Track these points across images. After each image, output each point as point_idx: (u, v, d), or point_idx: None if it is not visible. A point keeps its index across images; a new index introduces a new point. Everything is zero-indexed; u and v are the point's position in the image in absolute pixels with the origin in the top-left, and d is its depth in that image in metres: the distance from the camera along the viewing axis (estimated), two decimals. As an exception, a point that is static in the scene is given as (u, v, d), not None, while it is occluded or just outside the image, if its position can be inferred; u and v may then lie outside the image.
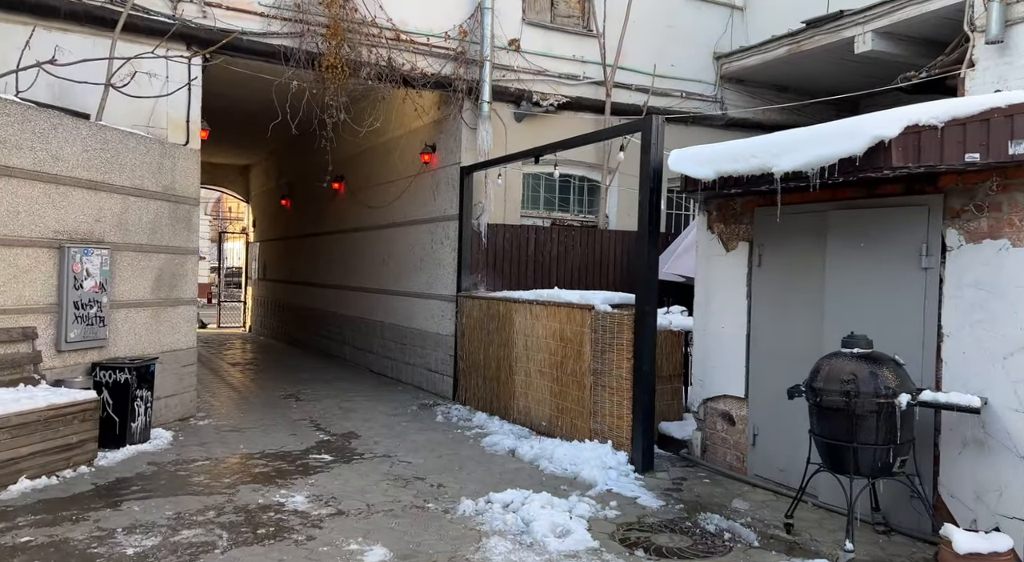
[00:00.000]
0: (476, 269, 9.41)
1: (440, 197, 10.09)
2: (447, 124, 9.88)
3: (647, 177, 5.98)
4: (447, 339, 9.76)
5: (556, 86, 9.91)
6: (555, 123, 10.02)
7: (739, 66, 10.90)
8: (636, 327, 6.06)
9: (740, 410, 5.83)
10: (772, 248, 5.54)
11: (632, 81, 10.41)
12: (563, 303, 7.13)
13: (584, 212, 10.61)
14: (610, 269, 10.22)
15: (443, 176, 10.01)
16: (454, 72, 9.30)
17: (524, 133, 9.80)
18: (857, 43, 9.04)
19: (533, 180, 10.23)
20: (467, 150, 9.53)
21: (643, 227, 6.01)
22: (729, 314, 5.93)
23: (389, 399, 9.61)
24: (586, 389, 6.76)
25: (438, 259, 10.10)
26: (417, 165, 10.78)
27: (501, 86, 9.52)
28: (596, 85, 10.17)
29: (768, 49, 10.32)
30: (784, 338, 5.40)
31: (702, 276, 6.25)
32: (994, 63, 7.35)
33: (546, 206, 10.37)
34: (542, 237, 9.76)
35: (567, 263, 9.92)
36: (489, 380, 8.52)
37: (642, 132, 6.08)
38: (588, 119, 10.25)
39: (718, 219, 6.12)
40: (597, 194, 10.66)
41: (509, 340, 8.09)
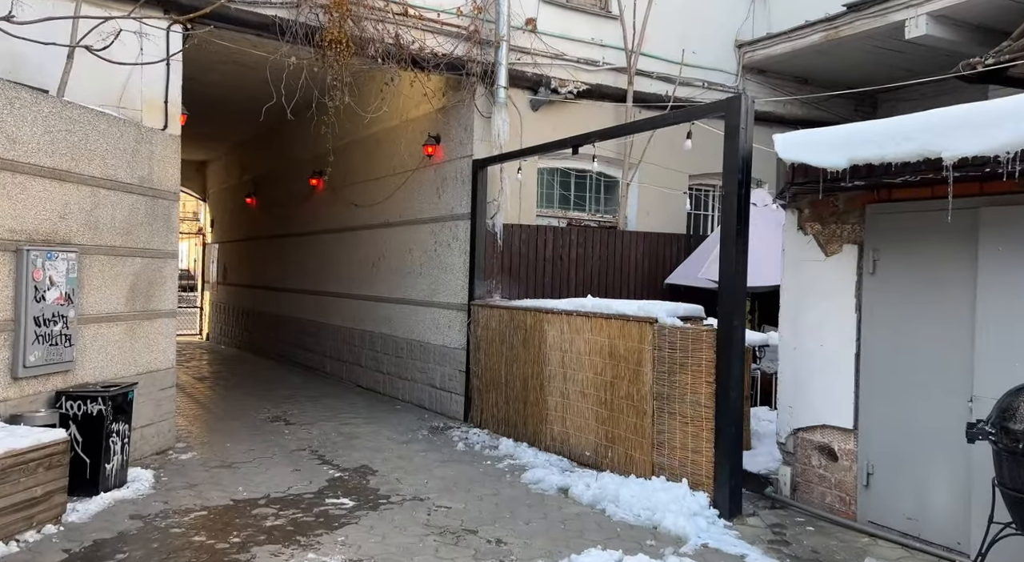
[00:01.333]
0: (491, 274, 8.41)
1: (446, 194, 9.06)
2: (455, 112, 8.85)
3: (734, 168, 5.08)
4: (456, 353, 8.73)
5: (574, 72, 8.98)
6: (573, 112, 9.09)
7: (764, 55, 10.13)
8: (720, 345, 5.15)
9: (845, 443, 4.98)
10: (891, 252, 4.70)
11: (653, 68, 9.54)
12: (614, 314, 6.19)
13: (601, 211, 9.70)
14: (631, 274, 9.34)
15: (450, 170, 8.97)
16: (467, 53, 8.28)
17: (540, 123, 8.84)
18: (909, 27, 8.33)
19: (547, 176, 9.28)
20: (480, 141, 8.53)
21: (730, 227, 5.11)
22: (830, 329, 5.08)
23: (392, 421, 8.54)
24: (646, 416, 5.83)
25: (444, 263, 9.06)
26: (416, 158, 9.71)
27: (517, 70, 8.55)
28: (616, 72, 9.28)
29: (799, 35, 9.57)
30: (911, 360, 4.55)
31: (791, 285, 5.38)
32: (1075, 48, 6.67)
33: (561, 204, 9.43)
34: (560, 239, 8.82)
35: (586, 267, 8.99)
36: (513, 401, 7.53)
37: (726, 115, 5.18)
38: (608, 108, 9.35)
39: (812, 218, 5.26)
40: (614, 192, 9.76)
41: (540, 356, 7.12)
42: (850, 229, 4.99)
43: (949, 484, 4.32)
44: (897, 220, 4.64)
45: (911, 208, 4.56)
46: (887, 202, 4.72)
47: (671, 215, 9.95)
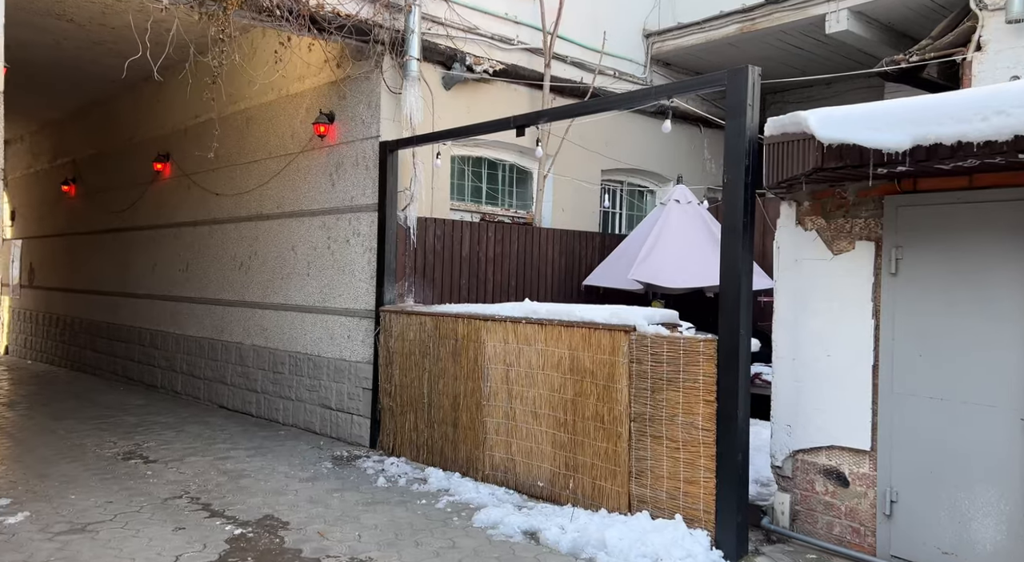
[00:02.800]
0: (403, 275, 7.26)
1: (344, 181, 7.78)
2: (357, 87, 7.60)
3: (740, 152, 4.38)
4: (358, 368, 7.49)
5: (488, 49, 8.03)
6: (487, 94, 8.15)
7: (674, 46, 9.73)
8: (724, 358, 4.43)
9: (859, 466, 4.43)
10: (919, 250, 4.19)
11: (567, 52, 8.80)
12: (578, 322, 5.32)
13: (515, 206, 8.82)
14: (549, 274, 8.54)
15: (349, 154, 7.71)
16: (373, 16, 7.07)
17: (453, 104, 7.82)
18: (829, 22, 8.17)
19: (459, 165, 8.26)
20: (388, 121, 7.35)
21: (734, 221, 4.41)
22: (839, 337, 4.51)
23: (283, 452, 7.15)
24: (621, 440, 5.02)
25: (341, 263, 7.78)
26: (302, 140, 8.33)
27: (429, 42, 7.46)
28: (531, 53, 8.43)
29: (713, 27, 9.23)
30: (945, 372, 4.06)
31: (788, 287, 4.78)
32: (1008, 46, 6.70)
33: (473, 197, 8.44)
34: (476, 235, 7.84)
35: (504, 267, 8.08)
36: (440, 423, 6.46)
37: (728, 89, 4.47)
38: (523, 92, 8.50)
39: (813, 212, 4.68)
40: (526, 185, 8.93)
41: (477, 370, 6.11)
42: (863, 224, 4.45)
43: (998, 513, 3.86)
44: (926, 214, 4.14)
45: (945, 200, 4.07)
46: (911, 193, 4.21)
47: (585, 212, 9.27)
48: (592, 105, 6.04)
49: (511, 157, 8.64)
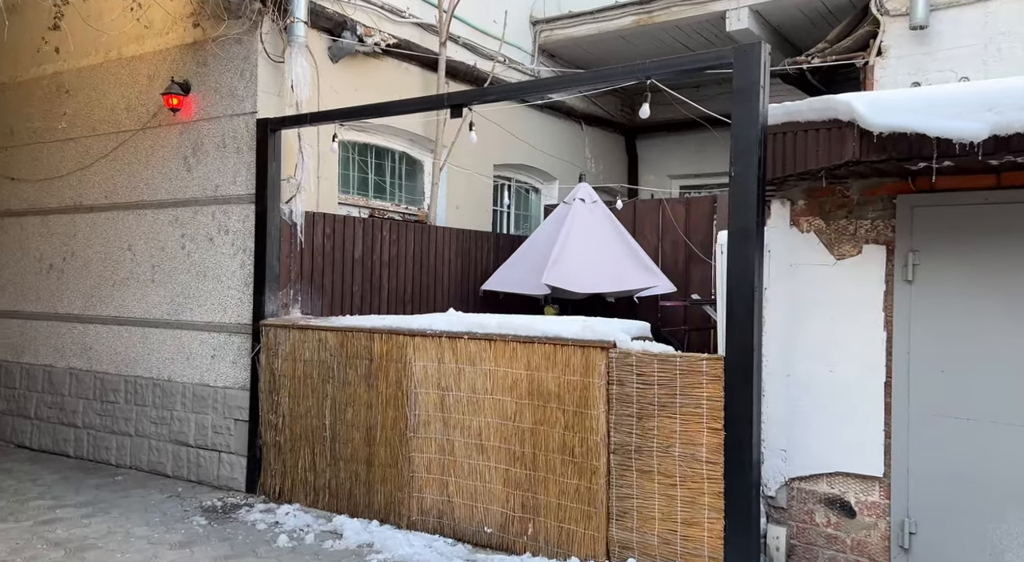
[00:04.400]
0: (288, 282, 6.02)
1: (205, 166, 6.35)
2: (224, 51, 6.21)
3: (751, 142, 3.82)
4: (229, 395, 6.12)
5: (378, 19, 6.96)
6: (378, 72, 7.09)
7: (564, 35, 9.18)
8: (733, 378, 3.85)
9: (868, 494, 4.05)
10: (939, 255, 3.87)
11: (458, 32, 7.92)
12: (539, 337, 4.52)
13: (404, 201, 7.79)
14: (445, 278, 7.63)
15: (212, 133, 6.30)
16: (249, -34, 5.78)
17: (340, 80, 6.68)
18: (730, 19, 8.02)
19: (344, 152, 7.10)
20: (267, 94, 6.06)
21: (745, 219, 3.84)
22: (844, 351, 4.11)
23: (130, 505, 5.63)
24: (598, 475, 4.29)
25: (201, 266, 6.34)
26: (142, 114, 6.76)
27: (315, 4, 6.27)
28: (423, 29, 7.47)
29: (607, 17, 8.80)
30: (973, 389, 3.75)
31: (781, 295, 4.31)
32: (910, 52, 6.83)
33: (360, 190, 7.31)
34: (369, 235, 6.75)
35: (399, 272, 7.06)
36: (348, 460, 5.35)
37: (735, 68, 3.89)
38: (415, 73, 7.51)
39: (810, 211, 4.25)
40: (418, 178, 7.94)
41: (398, 396, 5.09)
42: (869, 226, 4.07)
43: (1033, 537, 3.59)
44: (947, 215, 3.82)
45: (970, 200, 3.76)
46: (928, 192, 3.87)
47: (480, 209, 8.45)
48: (551, 82, 5.23)
49: (401, 145, 7.61)
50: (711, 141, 10.89)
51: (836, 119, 3.54)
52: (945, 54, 6.67)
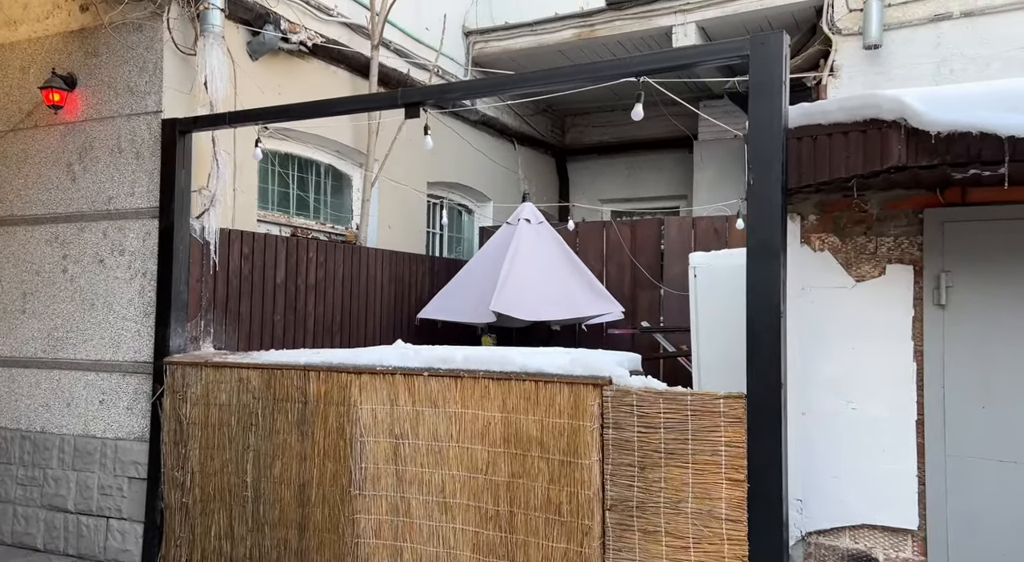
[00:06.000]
0: (199, 311, 5.07)
1: (94, 174, 5.33)
2: (118, 41, 5.25)
3: (773, 145, 3.32)
4: (123, 448, 5.07)
5: (302, 16, 6.18)
6: (304, 73, 6.29)
7: (499, 48, 8.64)
8: (757, 420, 3.29)
9: (900, 550, 3.57)
10: (974, 276, 3.47)
11: (389, 36, 7.22)
12: (518, 373, 3.83)
13: (331, 219, 6.94)
14: (377, 304, 6.82)
15: (104, 135, 5.30)
16: (155, -61, 4.89)
17: (262, 78, 5.86)
18: (676, 35, 7.70)
19: (263, 164, 6.21)
20: (175, 91, 5.15)
21: (768, 234, 3.32)
22: (869, 386, 3.64)
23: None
24: (591, 536, 3.63)
25: (89, 293, 5.29)
26: (14, 112, 5.70)
27: (233, -9, 5.44)
28: (352, 30, 6.73)
29: (546, 30, 8.33)
30: (1019, 429, 3.35)
31: (794, 321, 3.81)
32: (863, 71, 6.68)
33: (280, 206, 6.43)
34: (294, 256, 5.88)
35: (327, 298, 6.21)
36: (275, 525, 4.44)
37: (752, 61, 3.38)
38: (344, 77, 6.75)
39: (823, 227, 3.79)
40: (345, 194, 7.13)
41: (340, 447, 4.26)
42: (892, 243, 3.64)
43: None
44: (984, 231, 3.44)
45: (1011, 214, 3.39)
46: (959, 206, 3.49)
47: (413, 230, 7.70)
48: (527, 78, 4.57)
49: (328, 157, 6.79)
50: (641, 165, 10.62)
51: (876, 119, 3.09)
52: (899, 73, 6.54)
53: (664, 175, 10.44)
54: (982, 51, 6.12)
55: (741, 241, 6.99)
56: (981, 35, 6.14)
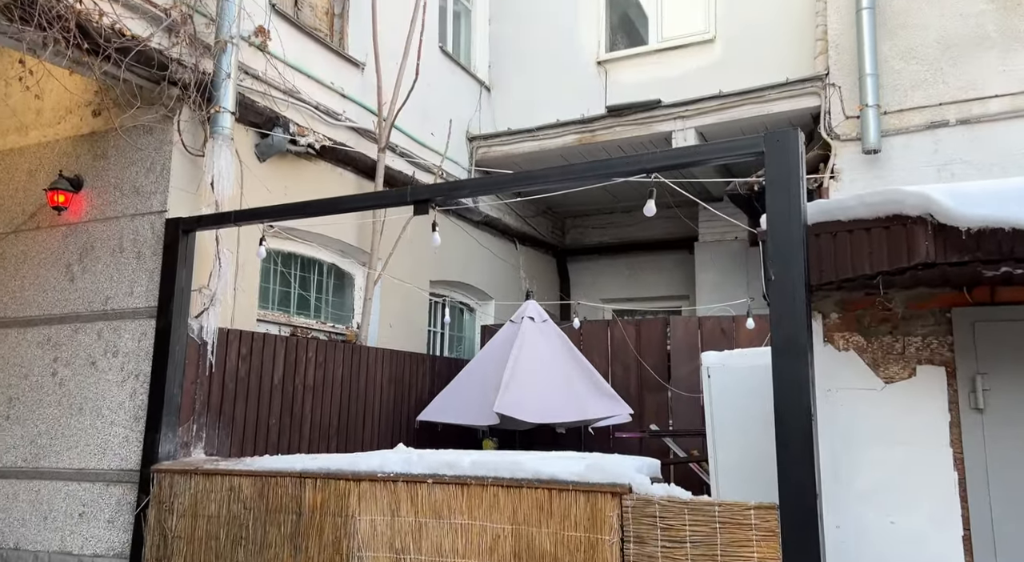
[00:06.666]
0: (191, 414, 4.85)
1: (93, 274, 5.24)
2: (130, 142, 5.29)
3: (793, 239, 3.24)
4: (101, 564, 4.72)
5: (311, 120, 6.27)
6: (311, 175, 6.33)
7: (501, 152, 8.81)
8: (792, 534, 3.04)
9: None
10: (1012, 378, 3.31)
11: (395, 140, 7.31)
12: (530, 480, 3.59)
13: (332, 319, 6.80)
14: (376, 406, 6.59)
15: (107, 236, 5.25)
16: (170, 49, 4.99)
17: (269, 179, 5.88)
18: (676, 139, 7.85)
19: (265, 262, 6.14)
20: (181, 191, 5.14)
21: (793, 330, 3.19)
22: (908, 497, 3.40)
23: None
24: None
25: (78, 397, 5.08)
26: (17, 214, 5.70)
27: (245, 98, 5.53)
28: (359, 134, 6.83)
29: (548, 135, 8.51)
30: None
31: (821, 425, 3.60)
32: (864, 175, 6.73)
33: (281, 305, 6.30)
34: (292, 356, 5.71)
35: (325, 401, 5.99)
36: (263, 654, 4.05)
37: (768, 157, 3.36)
38: (349, 179, 6.80)
39: (846, 326, 3.66)
40: (347, 293, 7.03)
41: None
42: (920, 343, 3.50)
43: None
44: (1020, 332, 3.29)
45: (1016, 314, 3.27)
46: (988, 305, 3.37)
47: (415, 329, 7.56)
48: (536, 175, 4.54)
49: (331, 257, 6.73)
50: (642, 265, 10.61)
51: (900, 215, 3.02)
52: (900, 177, 6.56)
53: (665, 276, 10.41)
54: (982, 157, 6.16)
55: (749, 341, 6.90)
56: (979, 141, 6.19)
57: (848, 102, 6.69)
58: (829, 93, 6.80)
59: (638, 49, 8.40)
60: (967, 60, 6.31)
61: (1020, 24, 6.17)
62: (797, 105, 7.20)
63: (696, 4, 8.10)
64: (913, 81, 6.49)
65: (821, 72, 6.94)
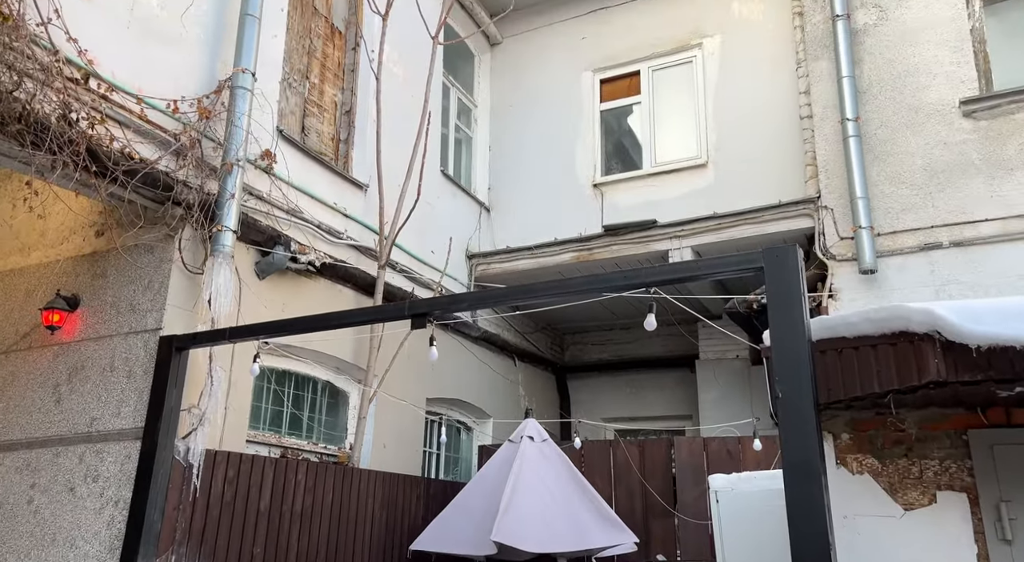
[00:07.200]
0: (171, 543, 4.57)
1: (80, 395, 5.11)
2: (130, 261, 5.31)
3: (797, 355, 3.15)
4: None
5: (312, 239, 6.35)
6: (309, 292, 6.34)
7: (500, 269, 8.89)
8: None
9: None
10: (1033, 504, 3.13)
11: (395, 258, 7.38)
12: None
13: (324, 439, 6.59)
14: (367, 536, 6.25)
15: (98, 355, 5.17)
16: (177, 170, 5.11)
17: (267, 296, 5.87)
18: (672, 257, 7.93)
19: (257, 381, 6.01)
20: (177, 309, 5.11)
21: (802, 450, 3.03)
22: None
23: None
24: None
25: (51, 526, 4.82)
26: (10, 335, 5.64)
27: (248, 217, 5.61)
28: (359, 252, 6.90)
29: (546, 253, 8.61)
30: None
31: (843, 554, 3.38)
32: (861, 295, 6.73)
33: (272, 425, 6.12)
34: (281, 480, 5.48)
35: (312, 528, 5.68)
36: None
37: (767, 273, 3.32)
38: (348, 295, 6.80)
39: (858, 448, 3.53)
40: (340, 412, 6.85)
41: None
42: (938, 467, 3.35)
43: None
44: (1033, 454, 3.16)
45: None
46: (1006, 427, 3.25)
47: (409, 450, 7.32)
48: (535, 289, 4.47)
49: (326, 374, 6.62)
50: (643, 383, 10.45)
51: (906, 331, 2.96)
52: (898, 297, 6.51)
53: (666, 394, 10.23)
54: (978, 278, 6.12)
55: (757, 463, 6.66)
56: (974, 263, 6.18)
57: (841, 223, 6.79)
58: (822, 215, 6.93)
59: (632, 173, 8.65)
60: (955, 185, 6.43)
61: (1002, 152, 6.33)
62: (791, 226, 7.31)
63: (687, 132, 8.42)
64: (903, 204, 6.60)
65: (813, 195, 7.10)
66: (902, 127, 6.75)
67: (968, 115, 6.50)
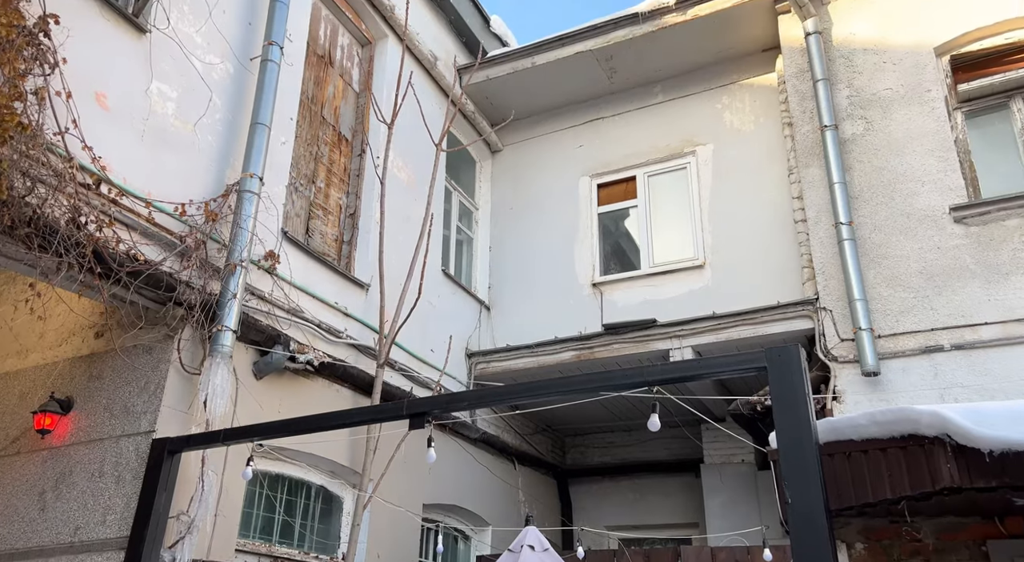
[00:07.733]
0: None
1: (67, 502, 4.94)
2: (127, 362, 5.26)
3: (804, 458, 3.07)
4: None
5: (312, 338, 6.33)
6: (307, 391, 6.26)
7: (500, 367, 8.80)
8: None
9: None
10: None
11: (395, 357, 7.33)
12: None
13: (315, 547, 6.32)
14: (359, 656, 5.88)
15: (88, 460, 5.04)
16: (180, 272, 5.16)
17: (263, 396, 5.79)
18: (673, 356, 7.87)
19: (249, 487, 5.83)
20: (172, 410, 5.03)
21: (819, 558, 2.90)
22: None
23: None
24: None
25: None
26: (3, 438, 5.48)
27: (248, 317, 5.62)
28: (358, 351, 6.86)
29: (546, 351, 8.56)
30: None
31: None
32: (866, 397, 6.59)
33: (263, 534, 5.89)
34: (270, 593, 5.21)
35: (302, 646, 5.35)
36: None
37: (771, 373, 3.28)
38: (346, 395, 6.71)
39: (874, 558, 3.38)
40: (333, 519, 6.61)
41: None
42: (957, 580, 3.20)
43: None
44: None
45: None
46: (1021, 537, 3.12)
47: (404, 560, 6.99)
48: (536, 387, 4.38)
49: (320, 478, 6.42)
50: (647, 489, 10.12)
51: (916, 434, 2.91)
52: (903, 400, 6.34)
53: (671, 500, 9.91)
54: (982, 382, 5.96)
55: (768, 574, 6.36)
56: (977, 367, 6.04)
57: (841, 325, 6.77)
58: (821, 316, 6.93)
59: (631, 273, 8.74)
60: (951, 289, 6.43)
61: (996, 257, 6.38)
62: (791, 327, 7.29)
63: (684, 235, 8.56)
64: (902, 307, 6.60)
65: (811, 296, 7.13)
66: (896, 231, 6.85)
67: (959, 221, 6.62)
